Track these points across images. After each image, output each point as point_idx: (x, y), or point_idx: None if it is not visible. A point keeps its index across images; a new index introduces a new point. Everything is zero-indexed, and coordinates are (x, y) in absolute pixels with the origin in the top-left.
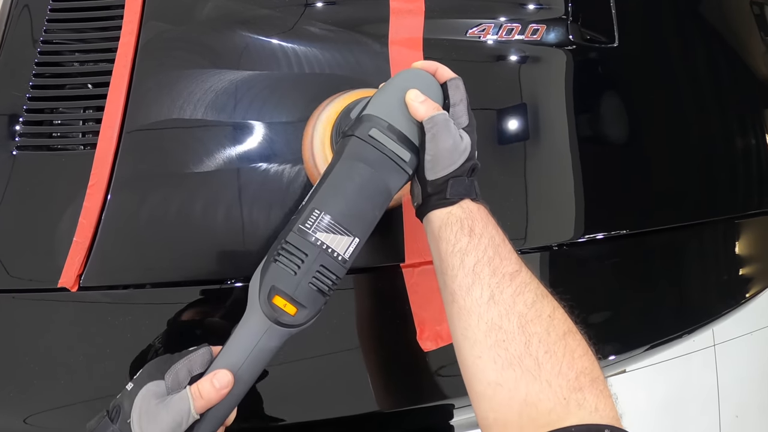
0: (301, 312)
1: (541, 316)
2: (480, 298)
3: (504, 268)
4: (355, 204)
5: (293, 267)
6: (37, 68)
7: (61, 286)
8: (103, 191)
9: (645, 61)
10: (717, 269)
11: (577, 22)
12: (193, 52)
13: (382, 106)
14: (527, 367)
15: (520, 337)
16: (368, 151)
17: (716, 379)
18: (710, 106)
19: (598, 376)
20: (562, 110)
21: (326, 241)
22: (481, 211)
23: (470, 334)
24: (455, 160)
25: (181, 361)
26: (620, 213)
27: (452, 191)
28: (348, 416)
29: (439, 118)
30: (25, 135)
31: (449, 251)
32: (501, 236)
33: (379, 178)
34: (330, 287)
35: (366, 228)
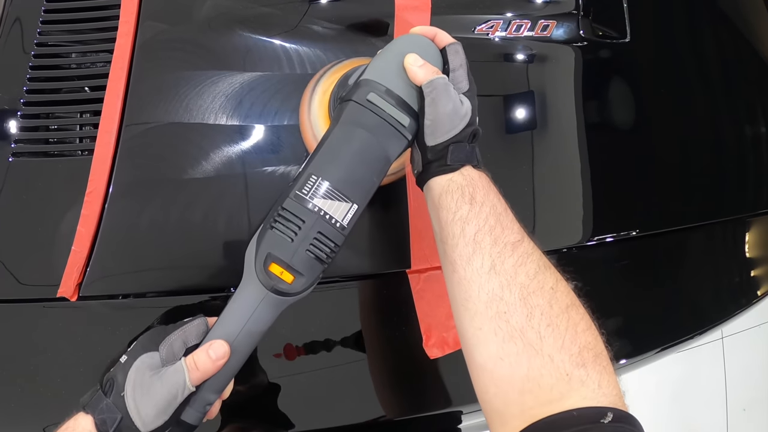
0: (299, 280)
1: (544, 287)
2: (481, 267)
3: (506, 237)
4: (353, 170)
5: (290, 234)
6: (32, 72)
7: (60, 296)
8: (102, 199)
9: (657, 57)
10: (728, 269)
11: (588, 17)
12: (191, 53)
13: (380, 71)
14: (529, 340)
15: (521, 309)
16: (366, 115)
17: (724, 372)
18: (722, 103)
19: (602, 351)
20: (572, 110)
21: (324, 207)
22: (482, 179)
23: (471, 305)
24: (456, 124)
25: (176, 332)
26: (630, 214)
27: (453, 157)
28: (354, 424)
29: (438, 81)
30: (20, 141)
31: (449, 219)
32: (503, 205)
33: (378, 144)
34: (328, 255)
35: (365, 194)
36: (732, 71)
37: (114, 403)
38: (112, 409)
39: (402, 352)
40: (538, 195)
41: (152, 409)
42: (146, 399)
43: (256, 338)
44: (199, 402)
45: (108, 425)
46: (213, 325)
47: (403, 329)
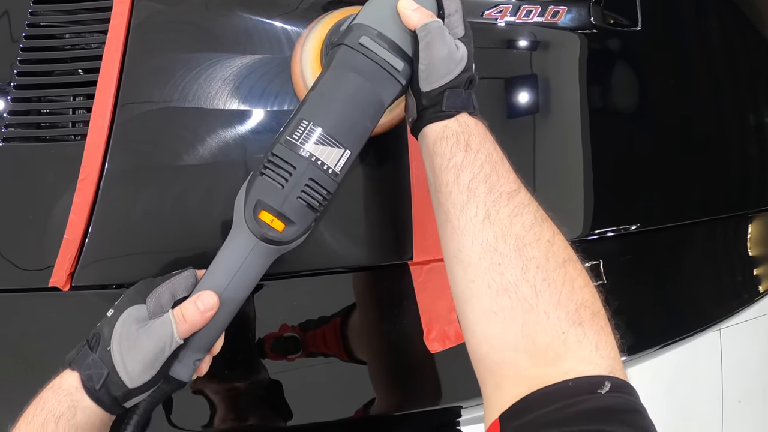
0: (290, 228)
1: (540, 240)
2: (475, 217)
3: (501, 186)
4: (346, 114)
5: (281, 180)
6: (23, 53)
7: (52, 286)
8: (94, 186)
9: (667, 47)
10: (730, 266)
11: (599, 4)
12: (188, 35)
13: (372, 15)
14: (524, 294)
15: (516, 261)
16: (359, 59)
17: (720, 363)
18: (729, 97)
19: (599, 310)
20: (579, 99)
21: (316, 153)
22: (478, 126)
23: (464, 256)
24: (451, 69)
25: (164, 285)
26: (633, 208)
27: (448, 103)
28: (352, 418)
29: (433, 25)
30: (11, 125)
31: (443, 166)
32: (499, 153)
33: (371, 88)
34: (321, 202)
35: (358, 140)
36: (741, 64)
37: (100, 358)
38: (98, 364)
39: (402, 345)
40: (539, 185)
41: (139, 364)
42: (133, 353)
43: (246, 289)
44: (188, 357)
45: (94, 381)
46: (202, 276)
47: (404, 322)
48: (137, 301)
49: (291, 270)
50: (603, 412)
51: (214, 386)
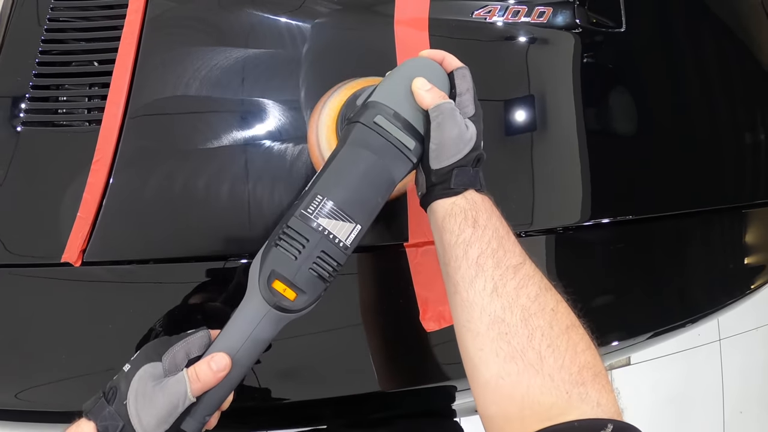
0: (301, 297)
1: (545, 309)
2: (483, 290)
3: (508, 260)
4: (358, 190)
5: (294, 252)
6: (44, 45)
7: (64, 261)
8: (108, 167)
9: (652, 47)
10: (723, 258)
11: (584, 6)
12: (199, 30)
13: (388, 94)
14: (530, 360)
15: (522, 330)
16: (373, 137)
17: (721, 375)
18: (718, 92)
19: (601, 370)
20: (568, 94)
21: (328, 227)
22: (485, 202)
23: (473, 326)
24: (460, 149)
25: (179, 344)
26: (626, 198)
27: (456, 181)
28: (348, 396)
29: (445, 106)
30: (30, 111)
31: (453, 242)
32: (505, 228)
33: (383, 166)
34: (331, 273)
35: (368, 215)
36: (727, 60)
37: (116, 410)
38: (114, 416)
39: (398, 324)
40: (536, 176)
41: (153, 419)
42: (148, 408)
43: (257, 352)
44: (199, 412)
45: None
46: (215, 337)
47: (400, 302)
48: (153, 358)
49: None
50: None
51: None
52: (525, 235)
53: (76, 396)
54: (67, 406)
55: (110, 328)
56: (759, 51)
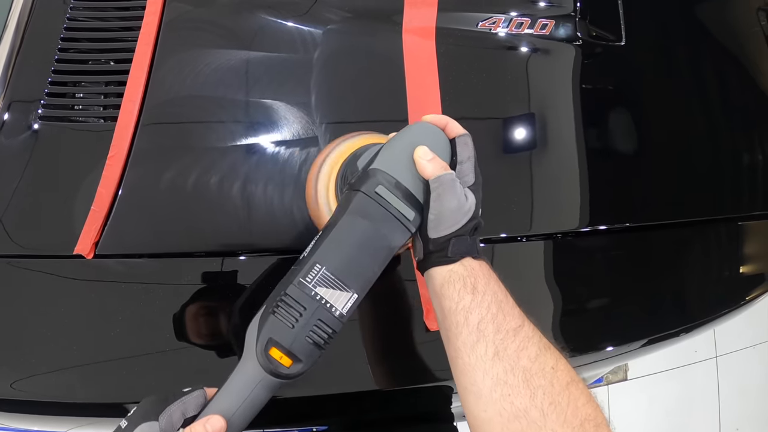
0: (297, 365)
1: (545, 368)
2: (485, 354)
3: (507, 324)
4: (356, 260)
5: (291, 320)
6: (63, 44)
7: (76, 254)
8: (122, 162)
9: (651, 60)
10: (719, 268)
11: (585, 20)
12: (214, 33)
13: (390, 161)
14: (533, 418)
15: (525, 391)
16: (373, 208)
17: (717, 392)
18: (716, 105)
19: (602, 422)
20: (567, 104)
21: (325, 296)
22: (483, 268)
23: (475, 389)
24: (458, 220)
25: (176, 403)
26: (624, 206)
27: (454, 250)
28: (348, 393)
29: (445, 178)
30: (48, 107)
31: (452, 309)
32: (503, 292)
33: (383, 236)
34: (326, 341)
35: (365, 284)
36: (725, 73)
37: None
38: None
39: (398, 324)
40: (535, 183)
41: None
42: None
43: (251, 415)
44: None
45: None
46: (211, 397)
47: (403, 301)
48: (150, 417)
49: (294, 248)
50: None
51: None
52: (525, 240)
53: (84, 386)
54: (72, 397)
55: (120, 320)
56: (757, 63)
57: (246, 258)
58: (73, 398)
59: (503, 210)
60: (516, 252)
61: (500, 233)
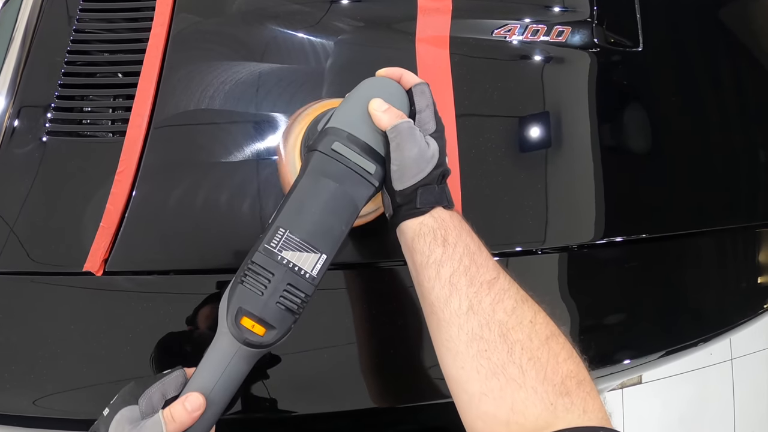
0: (270, 332)
1: (522, 322)
2: (459, 309)
3: (481, 276)
4: (320, 220)
5: (260, 287)
6: (69, 56)
7: (86, 270)
8: (131, 178)
9: (669, 66)
10: (736, 277)
11: (602, 25)
12: (223, 45)
13: (345, 118)
14: (511, 375)
15: (502, 346)
16: (332, 165)
17: (732, 394)
18: (734, 111)
19: (584, 378)
20: (584, 112)
21: (292, 259)
22: (454, 219)
23: (452, 345)
24: (422, 168)
25: (155, 385)
26: (640, 217)
27: (422, 200)
28: (356, 410)
29: (402, 126)
30: (55, 121)
31: (424, 263)
32: (476, 243)
33: (345, 192)
34: (299, 306)
35: (333, 244)
36: (743, 79)
37: None
38: None
39: (405, 339)
40: (550, 193)
41: None
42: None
43: (231, 389)
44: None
45: None
46: (191, 376)
47: (408, 317)
48: (130, 401)
49: None
50: None
51: None
52: (540, 252)
53: (94, 404)
54: (84, 414)
55: (130, 337)
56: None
57: None
58: (85, 415)
59: (519, 223)
60: (531, 265)
61: (515, 247)
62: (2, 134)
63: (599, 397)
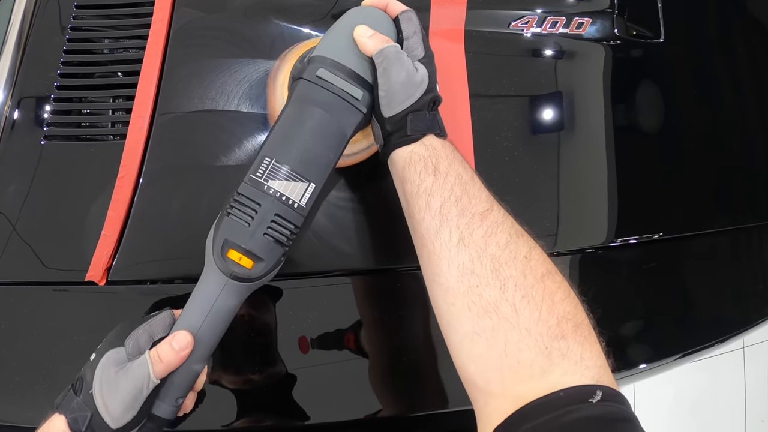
0: (258, 264)
1: (516, 257)
2: (449, 241)
3: (473, 207)
4: (307, 148)
5: (246, 218)
6: (66, 56)
7: (88, 280)
8: (133, 184)
9: (690, 59)
10: (752, 277)
11: (623, 16)
12: (226, 41)
13: (330, 46)
14: (504, 314)
15: (494, 282)
16: (317, 92)
17: (744, 383)
18: (757, 107)
19: (582, 321)
20: (603, 107)
21: (279, 189)
22: (446, 148)
23: (442, 280)
24: (411, 93)
25: (142, 327)
26: (656, 216)
27: (412, 127)
28: (366, 419)
29: (388, 50)
30: (52, 124)
31: (414, 192)
32: (469, 173)
33: (331, 119)
34: (288, 237)
35: (322, 172)
36: (765, 75)
37: (84, 401)
38: (82, 407)
39: (418, 346)
40: (563, 193)
41: (119, 405)
42: (113, 394)
43: (221, 326)
44: (170, 395)
45: (80, 423)
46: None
47: (422, 323)
48: (116, 344)
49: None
50: (593, 421)
51: (226, 383)
52: (555, 255)
53: None
54: None
55: None
56: None
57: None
58: None
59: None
60: None
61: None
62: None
63: (597, 342)
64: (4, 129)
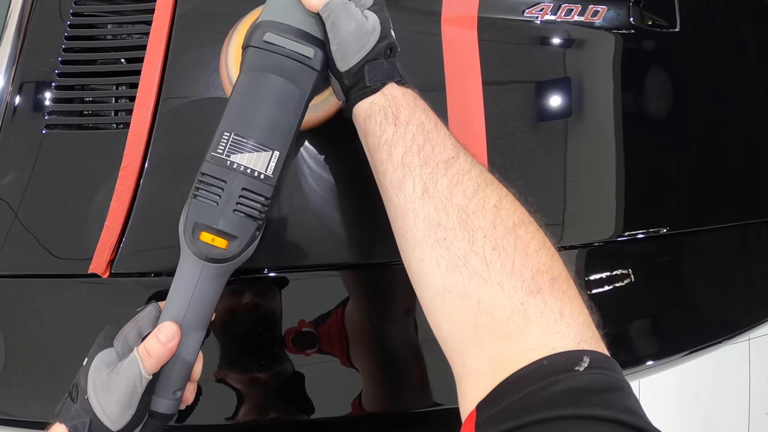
0: (233, 243)
1: (485, 207)
2: (413, 192)
3: (437, 156)
4: (264, 116)
5: (214, 198)
6: (67, 42)
7: (91, 273)
8: (136, 174)
9: (706, 49)
10: (761, 273)
11: (638, 5)
12: (231, 26)
13: (274, 9)
14: (474, 268)
15: (462, 234)
16: (267, 57)
17: (749, 374)
18: None
19: (560, 273)
20: (616, 98)
21: (243, 162)
22: (407, 96)
23: (409, 234)
24: (364, 42)
25: (128, 324)
26: (664, 211)
27: (371, 77)
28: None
29: (334, 3)
30: (54, 113)
31: (376, 144)
32: (432, 121)
33: (286, 83)
34: (260, 210)
35: (284, 139)
36: None
37: (81, 407)
38: (80, 413)
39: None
40: (570, 186)
41: (116, 406)
42: (108, 396)
43: (205, 312)
44: (167, 389)
45: (80, 430)
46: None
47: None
48: (105, 345)
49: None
50: (579, 392)
51: (231, 379)
52: (561, 249)
53: None
54: None
55: None
56: None
57: (273, 275)
58: None
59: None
60: None
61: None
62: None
63: (578, 296)
64: (4, 118)
